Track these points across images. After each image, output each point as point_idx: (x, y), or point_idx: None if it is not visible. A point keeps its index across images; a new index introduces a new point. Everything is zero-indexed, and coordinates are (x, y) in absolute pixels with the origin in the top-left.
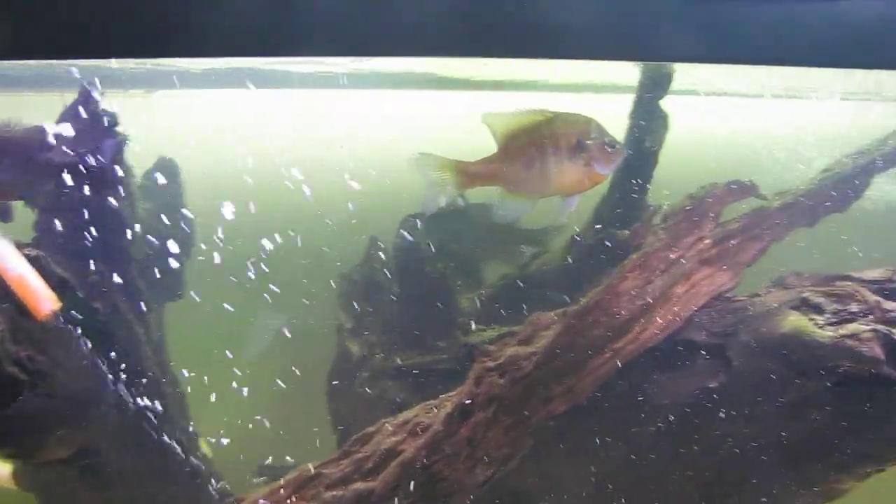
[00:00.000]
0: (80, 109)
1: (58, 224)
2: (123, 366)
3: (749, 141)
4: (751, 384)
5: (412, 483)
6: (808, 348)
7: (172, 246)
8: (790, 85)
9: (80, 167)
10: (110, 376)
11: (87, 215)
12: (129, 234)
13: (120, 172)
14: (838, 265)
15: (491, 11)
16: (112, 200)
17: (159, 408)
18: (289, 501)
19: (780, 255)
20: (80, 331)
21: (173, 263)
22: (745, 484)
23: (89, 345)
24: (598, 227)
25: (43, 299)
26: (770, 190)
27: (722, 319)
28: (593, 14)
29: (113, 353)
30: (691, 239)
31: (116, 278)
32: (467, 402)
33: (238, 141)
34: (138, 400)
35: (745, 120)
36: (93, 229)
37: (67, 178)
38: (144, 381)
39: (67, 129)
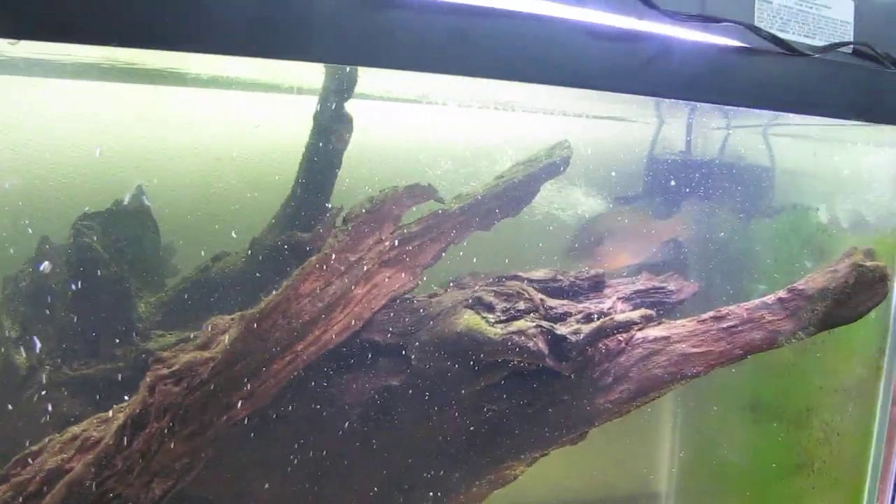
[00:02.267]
0: None
1: None
2: None
3: (433, 146)
4: (431, 381)
5: None
6: (481, 345)
7: None
8: (492, 97)
9: None
10: None
11: None
12: None
13: None
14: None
15: None
16: None
17: None
18: None
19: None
20: None
21: None
22: (428, 477)
23: None
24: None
25: None
26: (450, 194)
27: (402, 319)
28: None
29: None
30: (371, 241)
31: None
32: (140, 412)
33: None
34: None
35: (431, 126)
36: None
37: None
38: None
39: None
